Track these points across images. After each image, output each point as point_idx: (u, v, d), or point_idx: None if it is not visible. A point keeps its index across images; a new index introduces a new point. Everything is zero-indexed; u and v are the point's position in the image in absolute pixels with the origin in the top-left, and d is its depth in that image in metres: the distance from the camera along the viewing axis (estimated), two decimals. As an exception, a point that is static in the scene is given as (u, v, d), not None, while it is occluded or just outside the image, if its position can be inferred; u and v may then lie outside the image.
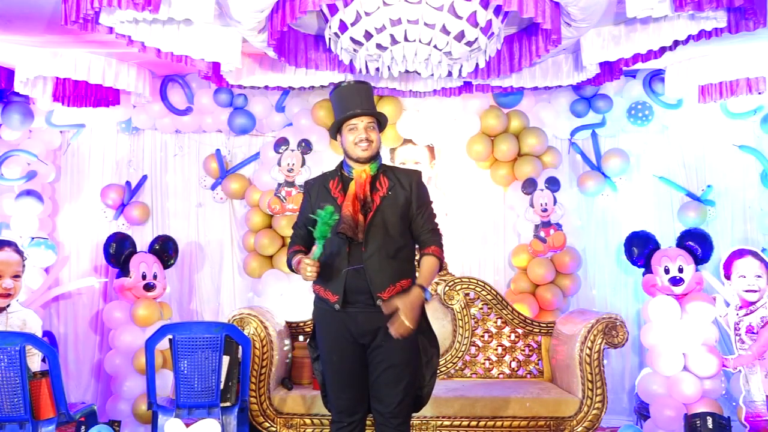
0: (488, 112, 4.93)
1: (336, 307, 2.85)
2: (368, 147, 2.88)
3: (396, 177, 2.95)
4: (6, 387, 2.84)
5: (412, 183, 2.94)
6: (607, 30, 3.68)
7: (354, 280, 2.82)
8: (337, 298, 2.85)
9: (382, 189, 2.90)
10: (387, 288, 2.81)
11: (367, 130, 2.88)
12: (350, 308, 2.85)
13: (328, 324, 2.93)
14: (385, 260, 2.83)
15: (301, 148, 4.76)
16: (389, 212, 2.87)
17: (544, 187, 4.80)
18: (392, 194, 2.90)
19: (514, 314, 4.49)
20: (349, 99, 2.91)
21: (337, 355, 2.91)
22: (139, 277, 4.47)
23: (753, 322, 4.05)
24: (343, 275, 2.83)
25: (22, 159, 4.90)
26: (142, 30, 3.33)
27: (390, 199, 2.89)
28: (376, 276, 2.81)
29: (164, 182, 5.27)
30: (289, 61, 3.84)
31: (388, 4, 2.99)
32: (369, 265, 2.81)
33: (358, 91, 2.92)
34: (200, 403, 3.30)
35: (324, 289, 2.92)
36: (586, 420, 3.81)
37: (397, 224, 2.87)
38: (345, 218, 2.79)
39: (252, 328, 3.92)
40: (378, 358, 2.86)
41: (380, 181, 2.92)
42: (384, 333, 2.79)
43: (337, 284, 2.85)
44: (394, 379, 2.85)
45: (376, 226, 2.84)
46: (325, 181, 2.99)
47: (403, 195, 2.91)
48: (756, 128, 4.95)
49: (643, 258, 4.38)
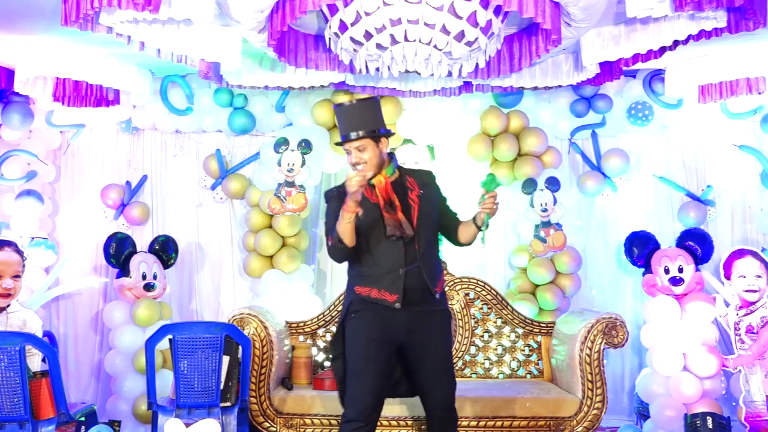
0: (488, 112, 4.93)
1: (396, 306, 2.95)
2: (363, 168, 2.99)
3: (420, 177, 3.16)
4: (6, 387, 2.85)
5: (433, 182, 3.17)
6: (607, 30, 3.68)
7: (411, 279, 2.97)
8: (396, 297, 2.95)
9: (414, 188, 3.07)
10: (438, 281, 3.05)
11: (358, 152, 3.02)
12: (408, 305, 2.97)
13: (372, 324, 3.00)
14: (433, 256, 3.08)
15: (301, 148, 4.76)
16: (428, 209, 3.06)
17: (544, 187, 4.80)
18: (424, 192, 3.09)
19: (514, 314, 4.49)
20: (341, 123, 3.09)
21: (373, 354, 2.98)
22: (139, 277, 4.48)
23: (753, 322, 4.05)
24: (401, 275, 2.96)
25: (22, 159, 4.90)
26: (142, 30, 3.33)
27: (425, 197, 3.08)
28: (430, 270, 3.01)
29: (164, 182, 5.26)
30: (289, 61, 3.84)
31: (388, 4, 2.99)
32: (423, 261, 2.99)
33: (350, 113, 3.05)
34: (200, 403, 3.30)
35: (378, 290, 2.99)
36: (586, 420, 3.81)
37: (434, 220, 3.09)
38: (388, 221, 2.96)
39: (252, 328, 3.92)
40: (426, 354, 3.02)
41: (408, 181, 3.10)
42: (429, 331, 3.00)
43: (395, 284, 2.96)
44: (446, 371, 3.06)
45: (422, 223, 3.02)
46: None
47: (433, 193, 3.14)
48: (756, 128, 4.95)
49: (643, 258, 4.38)
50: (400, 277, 2.96)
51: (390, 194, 3.01)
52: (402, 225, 2.95)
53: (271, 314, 4.20)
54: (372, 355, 2.98)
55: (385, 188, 3.02)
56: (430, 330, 3.02)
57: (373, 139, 3.04)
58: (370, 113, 3.09)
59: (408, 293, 2.97)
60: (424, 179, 3.16)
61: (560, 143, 5.15)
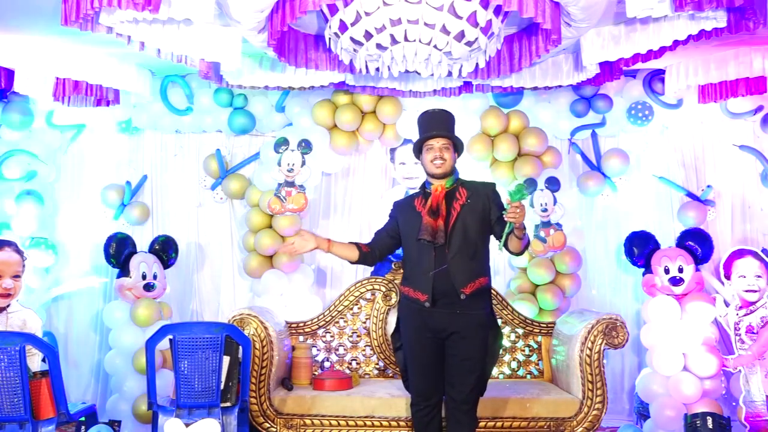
0: (488, 112, 4.93)
1: (426, 305, 3.25)
2: (442, 165, 3.32)
3: (474, 188, 3.38)
4: (6, 387, 2.85)
5: (489, 192, 3.37)
6: (607, 30, 3.68)
7: (440, 281, 3.23)
8: (426, 297, 3.25)
9: (461, 198, 3.32)
10: (468, 285, 3.23)
11: (442, 150, 3.32)
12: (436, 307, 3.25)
13: (414, 320, 3.35)
14: (465, 260, 3.25)
15: (301, 148, 4.76)
16: (469, 218, 3.28)
17: (544, 187, 4.80)
18: (471, 202, 3.31)
19: (514, 314, 4.49)
20: (429, 123, 3.39)
21: (419, 346, 3.35)
22: (139, 277, 4.47)
23: (753, 322, 4.06)
24: (430, 277, 3.25)
25: (22, 159, 4.90)
26: (142, 30, 3.33)
27: (469, 206, 3.30)
28: (458, 273, 3.23)
29: (164, 182, 5.26)
30: (289, 61, 3.84)
31: (388, 4, 2.99)
32: (452, 264, 3.22)
33: (438, 117, 3.40)
34: (200, 403, 3.30)
35: (413, 290, 3.32)
36: (586, 420, 3.81)
37: (476, 228, 3.28)
38: (424, 226, 3.25)
39: (252, 328, 3.92)
40: (455, 351, 3.28)
41: (459, 192, 3.34)
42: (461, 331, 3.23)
43: (425, 285, 3.26)
44: (468, 370, 3.27)
45: (457, 230, 3.25)
46: (412, 200, 3.45)
47: (481, 203, 3.31)
48: (756, 128, 4.95)
49: (643, 258, 4.38)
50: (430, 279, 3.25)
51: (439, 202, 3.29)
52: (437, 231, 3.23)
53: (271, 314, 4.20)
54: (419, 345, 3.35)
55: (437, 196, 3.30)
56: (461, 331, 3.25)
57: (453, 146, 3.37)
58: (450, 122, 3.43)
59: (437, 294, 3.25)
60: (478, 189, 3.37)
61: (560, 143, 5.15)
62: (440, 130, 3.37)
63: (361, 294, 4.47)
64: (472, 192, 3.35)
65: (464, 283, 3.23)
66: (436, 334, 3.29)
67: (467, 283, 3.23)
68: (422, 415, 3.41)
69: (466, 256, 3.26)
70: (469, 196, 3.33)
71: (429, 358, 3.35)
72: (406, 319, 3.45)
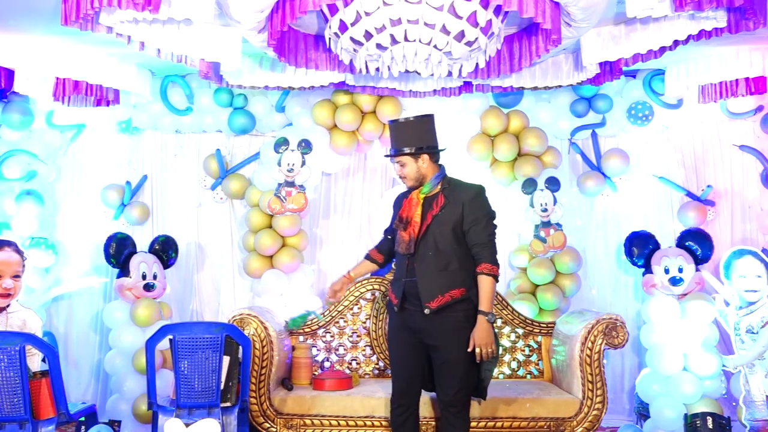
0: (488, 112, 4.93)
1: (395, 309, 3.38)
2: (404, 179, 3.35)
3: (455, 194, 3.28)
4: (6, 387, 2.84)
5: (465, 200, 3.25)
6: (607, 30, 3.68)
7: (410, 289, 3.29)
8: (397, 301, 3.36)
9: (435, 208, 3.26)
10: (435, 298, 3.21)
11: (399, 168, 3.34)
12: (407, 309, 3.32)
13: (395, 319, 3.45)
14: (434, 273, 3.22)
15: (301, 148, 4.76)
16: (439, 230, 3.23)
17: (544, 187, 4.79)
18: (444, 212, 3.24)
19: (514, 314, 4.49)
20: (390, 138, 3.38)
21: (395, 343, 3.45)
22: (139, 277, 4.47)
23: (753, 322, 4.05)
24: (402, 283, 3.33)
25: (22, 159, 4.90)
26: (142, 30, 3.33)
27: (441, 217, 3.24)
28: (425, 287, 3.23)
29: (164, 182, 5.26)
30: (289, 61, 3.84)
31: (388, 4, 2.99)
32: (420, 277, 3.24)
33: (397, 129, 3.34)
34: (200, 403, 3.30)
35: (391, 291, 3.46)
36: (586, 420, 3.81)
37: (447, 240, 3.22)
38: (399, 239, 3.30)
39: (252, 328, 3.92)
40: (435, 354, 3.30)
41: (437, 200, 3.28)
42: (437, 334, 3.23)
43: (397, 290, 3.37)
44: (449, 372, 3.26)
45: (425, 243, 3.24)
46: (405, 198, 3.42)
47: (456, 212, 3.23)
48: (756, 128, 4.95)
49: (643, 258, 4.38)
50: (402, 284, 3.33)
51: (411, 213, 3.28)
52: (408, 243, 3.25)
53: (271, 314, 4.20)
54: (395, 342, 3.45)
55: (409, 207, 3.30)
56: (435, 334, 3.25)
57: (412, 156, 3.28)
58: (416, 131, 3.31)
59: (406, 300, 3.32)
60: (457, 196, 3.27)
61: (560, 143, 5.14)
62: (394, 146, 3.34)
63: (361, 294, 4.47)
64: (451, 200, 3.27)
65: (430, 298, 3.21)
66: (414, 333, 3.32)
67: (433, 297, 3.20)
68: (396, 415, 3.44)
69: (435, 269, 3.22)
70: (445, 204, 3.26)
71: (405, 357, 3.38)
72: (389, 316, 3.56)
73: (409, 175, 3.31)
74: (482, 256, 3.22)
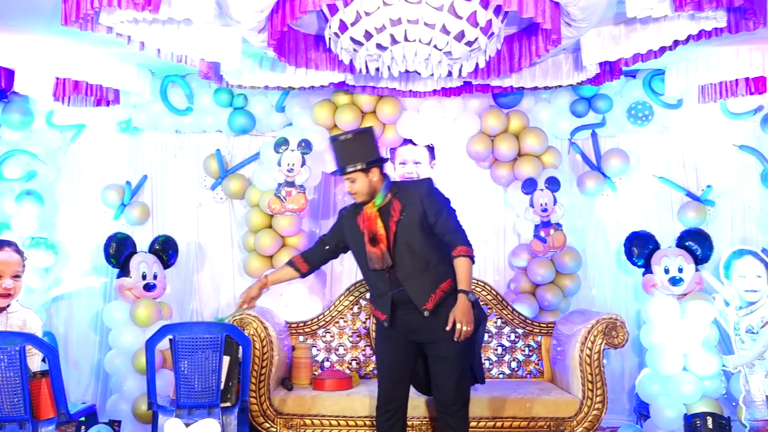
0: (488, 112, 4.93)
1: (385, 324, 3.29)
2: (355, 195, 3.28)
3: (407, 195, 3.25)
4: (6, 387, 2.84)
5: (421, 196, 3.23)
6: (607, 30, 3.68)
7: (399, 297, 3.24)
8: (385, 317, 3.28)
9: (395, 214, 3.21)
10: (429, 298, 3.18)
11: (349, 184, 3.27)
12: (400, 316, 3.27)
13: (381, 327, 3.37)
14: (419, 276, 3.19)
15: (301, 148, 4.76)
16: (408, 233, 3.19)
17: (544, 187, 4.79)
18: (406, 215, 3.20)
19: (514, 314, 4.49)
20: (334, 156, 3.31)
21: (382, 347, 3.40)
22: (139, 277, 4.47)
23: (753, 322, 4.05)
24: (388, 297, 3.25)
25: (22, 159, 4.90)
26: (142, 30, 3.33)
27: (405, 220, 3.20)
28: (416, 293, 3.19)
29: (164, 182, 5.26)
30: (289, 61, 3.84)
31: (388, 4, 2.99)
32: (407, 285, 3.19)
33: (340, 147, 3.26)
34: (200, 403, 3.30)
35: (375, 309, 3.38)
36: (586, 420, 3.81)
37: (419, 240, 3.20)
38: (369, 256, 3.21)
39: (252, 328, 3.92)
40: (432, 353, 3.26)
41: (393, 206, 3.23)
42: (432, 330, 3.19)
43: (384, 305, 3.28)
44: (447, 370, 3.23)
45: (400, 249, 3.19)
46: (355, 216, 3.35)
47: (417, 211, 3.20)
48: (756, 128, 4.95)
49: (643, 258, 4.38)
50: (388, 299, 3.26)
51: (373, 228, 3.20)
52: (382, 258, 3.18)
53: (271, 314, 4.20)
54: (383, 349, 3.39)
55: (369, 222, 3.22)
56: (431, 333, 3.22)
57: (363, 171, 3.23)
58: (360, 146, 3.25)
59: (398, 312, 3.27)
60: (411, 196, 3.24)
61: (560, 143, 5.14)
62: (342, 163, 3.27)
63: (361, 294, 4.47)
64: (406, 202, 3.24)
65: (424, 300, 3.18)
66: (409, 334, 3.28)
67: (427, 298, 3.18)
68: (383, 420, 3.38)
69: (418, 272, 3.20)
70: (403, 208, 3.23)
71: (393, 361, 3.35)
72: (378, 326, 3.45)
73: (361, 190, 3.25)
74: (456, 241, 3.22)
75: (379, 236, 3.18)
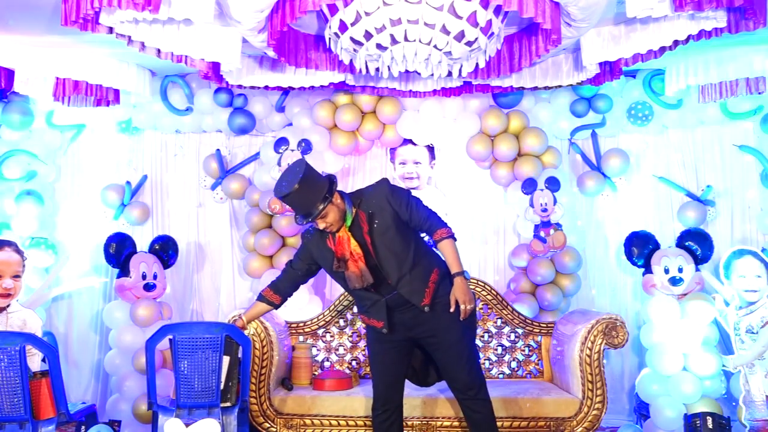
0: (488, 112, 4.93)
1: (384, 331, 3.22)
2: (329, 227, 3.15)
3: (370, 203, 3.18)
4: (6, 387, 2.84)
5: (386, 196, 3.18)
6: (607, 30, 3.68)
7: (394, 301, 3.19)
8: (382, 323, 3.21)
9: (365, 225, 3.15)
10: (425, 294, 3.17)
11: (322, 222, 3.13)
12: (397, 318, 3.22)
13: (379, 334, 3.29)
14: (409, 276, 3.15)
15: (301, 148, 4.76)
16: (385, 238, 3.15)
17: (544, 187, 4.79)
18: (378, 223, 3.16)
19: (514, 314, 4.49)
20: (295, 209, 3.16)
21: (376, 348, 3.35)
22: (139, 277, 4.47)
23: (753, 322, 4.05)
24: (382, 303, 3.19)
25: (22, 159, 4.90)
26: (142, 30, 3.33)
27: (379, 227, 3.15)
28: (411, 293, 3.17)
29: (164, 182, 5.26)
30: (289, 61, 3.84)
31: (388, 4, 2.99)
32: (402, 288, 3.16)
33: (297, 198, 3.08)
34: (200, 403, 3.29)
35: (368, 318, 3.29)
36: (586, 420, 3.81)
37: (397, 241, 3.16)
38: (349, 277, 3.14)
39: (252, 328, 3.92)
40: (437, 344, 3.23)
41: (360, 220, 3.17)
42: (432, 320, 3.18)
43: (379, 312, 3.21)
44: (455, 356, 3.20)
45: (384, 256, 3.15)
46: (323, 238, 3.24)
47: (387, 214, 3.16)
48: (756, 128, 4.95)
49: (643, 258, 4.38)
50: (383, 305, 3.20)
51: (344, 251, 3.13)
52: (362, 276, 3.11)
53: (271, 314, 4.20)
54: (377, 353, 3.36)
55: (339, 246, 3.14)
56: (432, 324, 3.21)
57: (328, 203, 3.10)
58: (309, 186, 3.09)
59: (395, 315, 3.22)
60: (374, 202, 3.18)
61: (560, 143, 5.14)
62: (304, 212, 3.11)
63: (361, 294, 4.47)
64: (373, 209, 3.18)
65: (421, 298, 3.17)
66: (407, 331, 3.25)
67: (423, 295, 3.17)
68: (380, 421, 3.37)
69: (408, 273, 3.16)
70: (370, 217, 3.16)
71: (388, 363, 3.33)
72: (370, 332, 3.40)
73: (335, 219, 3.13)
74: (434, 225, 3.22)
75: (355, 256, 3.11)
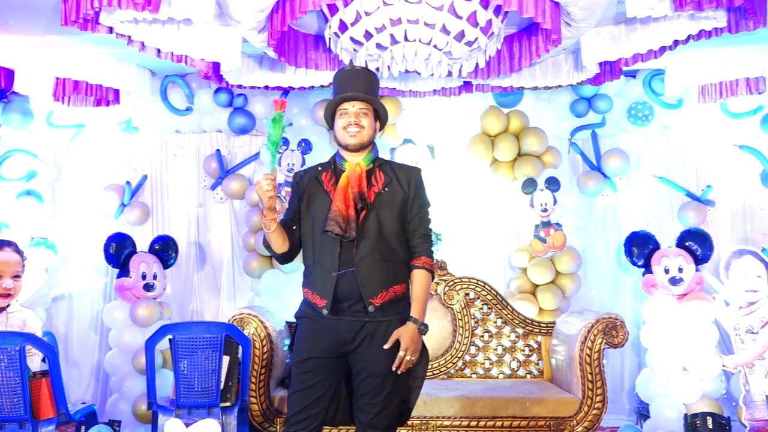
0: (488, 112, 4.93)
1: (324, 312, 2.61)
2: (357, 133, 2.65)
3: (394, 173, 2.73)
4: (6, 387, 2.85)
5: (411, 181, 2.72)
6: (607, 30, 3.68)
7: (345, 284, 2.61)
8: (325, 302, 2.62)
9: (377, 185, 2.68)
10: (379, 293, 2.61)
11: (358, 115, 2.66)
12: (337, 314, 2.62)
13: (311, 330, 2.68)
14: (378, 263, 2.62)
15: (301, 148, 4.76)
16: (384, 211, 2.66)
17: (544, 187, 4.79)
18: (388, 191, 2.68)
19: (514, 314, 4.49)
20: (346, 83, 2.68)
21: (309, 363, 2.66)
22: (139, 277, 4.47)
23: (753, 322, 4.05)
24: (333, 278, 2.60)
25: (22, 159, 4.90)
26: (142, 30, 3.33)
27: (386, 196, 2.68)
28: (367, 280, 2.60)
29: (164, 182, 5.27)
30: (289, 61, 3.84)
31: (388, 4, 3.00)
32: (360, 267, 2.60)
33: (357, 76, 2.69)
34: (200, 403, 3.30)
35: (312, 292, 2.68)
36: (586, 420, 3.81)
37: (392, 225, 2.67)
38: (334, 214, 2.60)
39: (252, 328, 3.92)
40: (359, 366, 2.64)
41: (376, 176, 2.70)
42: (368, 341, 2.61)
43: (326, 288, 2.62)
44: (375, 387, 2.62)
45: (369, 225, 2.63)
46: (317, 173, 2.75)
47: (401, 193, 2.69)
48: (756, 128, 4.95)
49: (643, 258, 4.38)
50: (332, 280, 2.61)
51: (362, 186, 2.64)
52: (348, 221, 2.59)
53: (271, 314, 4.20)
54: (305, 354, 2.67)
55: (358, 178, 2.65)
56: (371, 341, 2.62)
57: (374, 112, 2.71)
58: (373, 84, 2.72)
59: (339, 300, 2.62)
60: (397, 175, 2.72)
61: (560, 143, 5.14)
62: (358, 90, 2.66)
63: (361, 294, 4.46)
64: (391, 178, 2.71)
65: (374, 293, 2.59)
66: (337, 347, 2.63)
67: (378, 292, 2.60)
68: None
69: (379, 258, 2.61)
70: (386, 183, 2.69)
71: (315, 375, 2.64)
72: (300, 330, 2.73)
73: (367, 131, 2.67)
74: (423, 249, 2.71)
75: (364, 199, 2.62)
